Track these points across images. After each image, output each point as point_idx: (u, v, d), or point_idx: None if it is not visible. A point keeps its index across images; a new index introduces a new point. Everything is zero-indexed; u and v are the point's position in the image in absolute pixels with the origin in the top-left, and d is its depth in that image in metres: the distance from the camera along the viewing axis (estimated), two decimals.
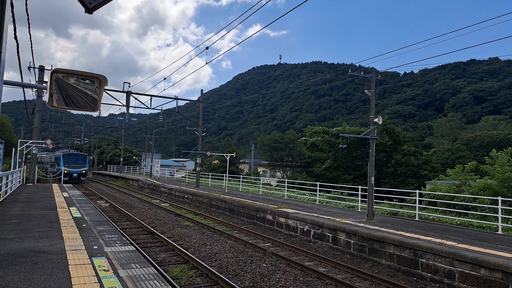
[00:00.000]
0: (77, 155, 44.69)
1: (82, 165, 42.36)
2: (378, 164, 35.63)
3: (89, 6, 1.46)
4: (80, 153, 48.86)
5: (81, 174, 42.33)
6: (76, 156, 43.81)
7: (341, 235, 12.25)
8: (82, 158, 43.52)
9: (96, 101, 2.37)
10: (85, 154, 45.36)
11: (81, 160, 42.90)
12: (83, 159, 43.39)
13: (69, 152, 47.85)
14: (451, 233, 11.74)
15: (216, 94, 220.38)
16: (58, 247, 7.07)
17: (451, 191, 18.44)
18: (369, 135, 14.78)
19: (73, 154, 44.30)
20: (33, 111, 25.85)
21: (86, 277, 5.39)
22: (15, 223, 9.43)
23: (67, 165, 40.39)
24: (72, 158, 42.05)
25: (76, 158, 42.62)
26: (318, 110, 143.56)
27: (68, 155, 42.65)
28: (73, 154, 44.80)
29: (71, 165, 40.87)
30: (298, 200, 22.20)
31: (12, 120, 66.08)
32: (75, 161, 41.87)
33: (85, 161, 43.15)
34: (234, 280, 8.77)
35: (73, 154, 44.23)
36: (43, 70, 24.31)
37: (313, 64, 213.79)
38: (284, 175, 46.78)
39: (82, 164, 42.47)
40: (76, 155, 44.12)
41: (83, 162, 42.78)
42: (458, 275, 8.62)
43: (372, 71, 15.32)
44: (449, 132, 69.83)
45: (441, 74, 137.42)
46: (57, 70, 2.27)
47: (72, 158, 42.05)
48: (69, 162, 40.86)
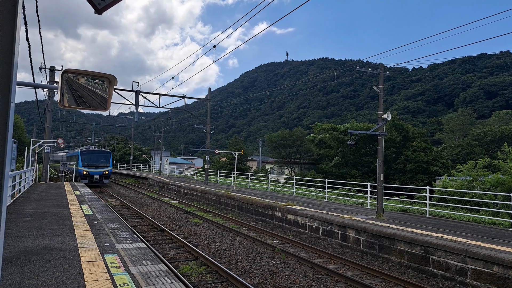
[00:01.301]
0: (99, 152, 36.99)
1: (104, 164, 35.07)
2: (387, 160, 35.38)
3: (98, 7, 1.48)
4: (102, 149, 41.51)
5: (104, 176, 34.78)
6: (98, 153, 36.20)
7: (351, 232, 12.21)
8: (105, 156, 36.05)
9: (106, 100, 2.40)
10: (108, 151, 37.59)
11: (104, 158, 35.51)
12: (106, 157, 35.93)
13: (88, 148, 39.59)
14: (462, 229, 11.63)
15: (223, 92, 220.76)
16: (70, 244, 7.18)
17: (462, 187, 18.25)
18: (378, 131, 14.67)
19: (94, 151, 36.57)
20: (45, 111, 26.18)
21: (98, 274, 5.46)
22: (28, 221, 9.59)
23: (87, 165, 33.74)
24: (92, 157, 34.82)
25: (98, 156, 35.33)
26: (326, 107, 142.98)
27: (88, 153, 35.30)
28: (94, 151, 36.85)
29: (91, 165, 34.00)
30: (307, 197, 22.17)
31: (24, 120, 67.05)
32: (96, 159, 34.79)
33: (108, 160, 35.71)
34: (243, 277, 8.80)
35: (93, 151, 36.50)
36: (53, 70, 24.61)
37: (320, 60, 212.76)
38: (292, 172, 46.71)
39: (105, 164, 35.17)
40: (98, 152, 36.56)
41: (105, 160, 35.43)
42: (470, 272, 8.54)
43: (380, 66, 15.20)
44: (459, 128, 69.04)
45: (451, 68, 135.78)
46: (68, 71, 2.30)
47: (92, 157, 34.82)
48: (88, 161, 34.06)
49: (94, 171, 33.89)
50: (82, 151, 35.36)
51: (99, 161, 34.87)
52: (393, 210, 17.07)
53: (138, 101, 19.87)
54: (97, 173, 34.04)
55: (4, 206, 1.08)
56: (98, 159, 34.98)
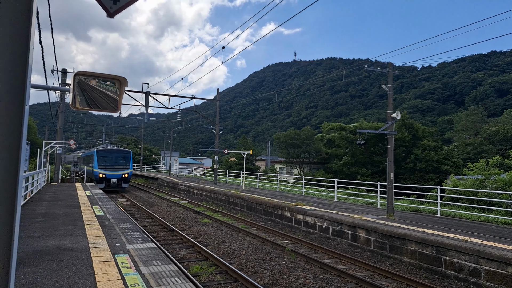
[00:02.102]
0: (117, 151, 32.34)
1: (124, 166, 30.54)
2: (397, 160, 35.07)
3: (110, 11, 1.49)
4: (122, 148, 36.68)
5: (123, 180, 30.14)
6: (116, 153, 31.68)
7: (361, 232, 12.12)
8: (124, 156, 31.41)
9: (117, 102, 2.41)
10: (128, 151, 32.74)
11: (123, 158, 31.00)
12: (126, 157, 31.31)
13: (105, 147, 34.83)
14: (475, 229, 11.47)
15: (232, 92, 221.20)
16: (82, 245, 7.25)
17: (474, 186, 18.00)
18: (388, 130, 14.55)
19: (112, 151, 32.08)
20: (57, 113, 26.50)
21: (110, 274, 5.50)
22: (41, 221, 9.71)
23: (103, 167, 29.47)
24: (110, 157, 30.56)
25: (116, 156, 31.01)
26: (334, 106, 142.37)
27: (105, 152, 30.95)
28: (112, 150, 32.40)
29: (109, 167, 29.70)
30: (316, 197, 22.08)
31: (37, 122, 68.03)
32: (115, 160, 30.47)
33: (128, 160, 31.08)
34: (253, 277, 8.79)
35: (111, 151, 32.01)
36: (65, 73, 24.92)
37: (328, 60, 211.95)
38: (301, 172, 46.59)
39: (124, 165, 30.62)
40: (116, 152, 31.95)
41: (125, 161, 30.89)
42: (484, 273, 8.41)
43: (389, 65, 15.06)
44: (470, 126, 68.15)
45: (461, 67, 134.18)
46: (79, 73, 2.32)
47: (110, 157, 30.56)
48: (106, 162, 29.83)
49: (111, 173, 29.37)
50: (99, 151, 30.87)
51: (118, 162, 30.41)
52: (404, 210, 16.91)
53: (148, 102, 20.01)
54: (115, 176, 29.49)
55: (18, 207, 1.09)
56: (116, 159, 30.57)
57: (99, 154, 30.07)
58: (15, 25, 1.08)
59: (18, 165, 1.08)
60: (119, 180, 29.77)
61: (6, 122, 1.07)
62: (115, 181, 29.41)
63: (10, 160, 1.07)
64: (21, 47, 1.08)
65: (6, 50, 1.07)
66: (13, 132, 1.07)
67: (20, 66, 1.08)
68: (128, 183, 30.89)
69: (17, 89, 1.08)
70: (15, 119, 1.08)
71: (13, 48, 1.07)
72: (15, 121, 1.08)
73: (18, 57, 1.08)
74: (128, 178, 30.60)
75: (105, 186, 28.95)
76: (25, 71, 1.09)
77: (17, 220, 1.07)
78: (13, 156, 1.08)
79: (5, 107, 1.07)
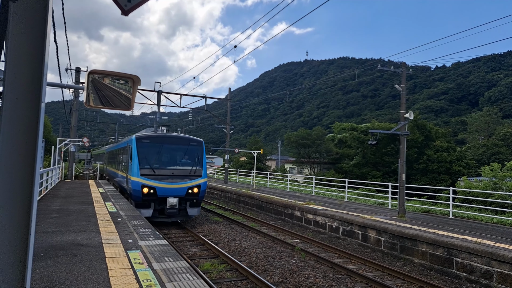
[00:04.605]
0: (177, 140, 16.30)
1: (191, 170, 15.50)
2: (408, 160, 34.69)
3: (125, 9, 1.52)
4: (183, 135, 17.39)
5: (190, 199, 15.19)
6: (175, 144, 16.19)
7: (371, 232, 12.06)
8: (192, 149, 16.13)
9: (130, 100, 2.44)
10: (197, 139, 16.80)
11: (190, 156, 16.03)
12: (194, 152, 16.12)
13: (155, 133, 16.41)
14: (487, 231, 11.31)
15: (243, 92, 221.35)
16: (95, 240, 7.38)
17: (487, 188, 17.73)
18: (400, 131, 14.43)
19: (166, 138, 16.01)
20: (71, 111, 26.93)
21: (123, 270, 5.60)
22: (55, 217, 9.91)
23: (151, 171, 14.71)
24: (164, 151, 15.67)
25: (176, 150, 16.10)
26: (346, 106, 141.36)
27: (153, 142, 15.51)
28: (166, 137, 16.06)
29: (162, 172, 14.88)
30: (326, 197, 22.01)
31: (51, 120, 69.04)
32: (173, 158, 15.88)
33: (200, 159, 15.99)
34: (263, 275, 8.84)
35: (165, 139, 15.92)
36: (79, 71, 25.31)
37: (340, 60, 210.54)
38: (312, 171, 46.43)
39: (192, 168, 15.58)
40: (175, 142, 16.21)
41: (193, 161, 15.88)
42: (496, 275, 8.30)
43: (402, 65, 14.93)
44: (484, 127, 66.99)
45: (475, 67, 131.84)
46: (93, 71, 2.37)
47: (164, 151, 15.67)
48: (155, 162, 15.15)
49: (167, 186, 14.70)
50: (141, 138, 15.44)
51: (181, 162, 15.82)
52: (415, 211, 16.74)
53: (160, 101, 20.20)
54: (173, 191, 14.76)
55: (35, 202, 1.13)
56: (176, 157, 15.96)
57: (141, 145, 14.97)
58: (31, 24, 1.12)
59: (35, 161, 1.12)
60: (184, 200, 14.90)
61: (24, 118, 1.11)
62: (175, 203, 14.51)
63: (27, 156, 1.11)
64: (37, 45, 1.12)
65: (23, 48, 1.11)
66: (30, 129, 1.12)
67: (36, 64, 1.12)
68: (199, 206, 15.52)
69: (34, 87, 1.12)
70: (32, 116, 1.12)
71: (30, 46, 1.11)
72: (32, 118, 1.12)
73: (35, 55, 1.12)
74: (199, 197, 15.23)
75: (154, 213, 14.52)
76: (42, 69, 1.12)
77: (33, 215, 1.12)
78: (31, 152, 1.12)
79: (22, 104, 1.11)
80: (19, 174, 1.09)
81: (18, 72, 1.10)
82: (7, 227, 1.07)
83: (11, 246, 1.07)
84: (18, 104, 1.09)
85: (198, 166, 15.62)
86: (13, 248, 1.08)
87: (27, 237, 1.10)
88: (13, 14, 1.09)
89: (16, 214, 1.08)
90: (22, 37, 1.10)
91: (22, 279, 1.09)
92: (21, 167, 1.10)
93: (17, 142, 1.09)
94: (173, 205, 14.45)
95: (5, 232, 1.07)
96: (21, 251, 1.09)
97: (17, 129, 1.09)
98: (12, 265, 1.08)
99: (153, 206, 14.49)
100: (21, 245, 1.09)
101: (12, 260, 1.08)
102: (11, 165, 1.08)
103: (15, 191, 1.08)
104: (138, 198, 14.22)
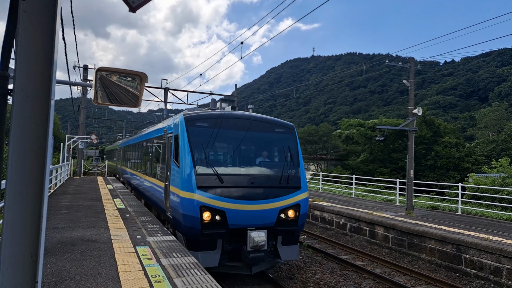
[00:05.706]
0: (259, 124, 8.75)
1: (286, 181, 8.23)
2: (416, 157, 34.43)
3: (132, 6, 1.52)
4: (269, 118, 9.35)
5: (284, 231, 7.93)
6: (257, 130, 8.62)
7: (379, 229, 12.02)
8: (283, 143, 8.89)
9: (137, 97, 2.45)
10: (289, 125, 9.25)
11: (279, 152, 9.05)
12: (287, 148, 8.79)
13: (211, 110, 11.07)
14: (497, 228, 11.20)
15: (249, 88, 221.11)
16: (104, 236, 7.46)
17: (496, 184, 17.53)
18: (408, 126, 14.32)
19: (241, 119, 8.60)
20: (79, 108, 27.14)
21: (131, 265, 5.65)
22: (65, 213, 10.03)
23: (217, 181, 7.56)
24: (239, 144, 8.35)
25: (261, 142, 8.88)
26: (353, 102, 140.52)
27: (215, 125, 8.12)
28: (240, 118, 8.67)
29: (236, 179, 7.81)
30: (333, 193, 21.95)
31: (60, 117, 69.75)
32: (253, 156, 8.66)
33: (295, 161, 8.65)
34: (270, 271, 8.86)
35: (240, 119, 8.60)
36: (87, 69, 25.44)
37: (348, 55, 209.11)
38: (319, 168, 46.33)
39: (288, 178, 8.29)
40: (256, 125, 8.64)
41: (286, 162, 8.56)
42: (505, 272, 8.23)
43: (410, 60, 14.80)
44: (493, 123, 66.09)
45: (485, 62, 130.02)
46: (101, 69, 2.38)
47: (239, 144, 8.35)
48: (223, 164, 8.14)
49: (247, 207, 7.52)
50: (194, 119, 8.26)
51: (263, 163, 8.66)
52: (423, 207, 16.63)
53: (167, 98, 20.26)
54: (259, 217, 7.63)
55: (45, 198, 1.14)
56: (255, 152, 8.88)
57: (197, 132, 8.12)
58: (41, 22, 1.12)
59: (45, 158, 1.14)
60: (272, 232, 7.90)
61: (34, 115, 1.12)
62: (262, 240, 7.45)
63: (38, 153, 1.13)
64: (46, 43, 1.13)
65: (33, 46, 1.11)
66: (40, 126, 1.13)
67: (46, 61, 1.13)
68: (297, 242, 8.42)
69: (43, 84, 1.13)
70: (42, 113, 1.13)
71: (39, 44, 1.12)
72: (42, 115, 1.13)
73: (44, 53, 1.13)
74: (298, 226, 8.23)
75: (223, 259, 7.71)
76: (51, 66, 1.13)
77: (44, 211, 1.13)
78: (41, 149, 1.13)
79: (33, 101, 1.12)
80: (30, 170, 1.11)
81: (28, 70, 1.11)
82: (18, 223, 1.09)
83: (23, 242, 1.09)
84: (28, 102, 1.11)
85: (292, 169, 8.61)
86: (25, 243, 1.09)
87: (38, 233, 1.11)
88: (23, 13, 1.10)
89: (27, 210, 1.10)
90: (31, 35, 1.11)
91: (34, 274, 1.10)
92: (32, 163, 1.11)
93: (27, 139, 1.10)
94: (259, 244, 7.41)
95: (17, 228, 1.09)
96: (33, 246, 1.10)
97: (28, 126, 1.10)
98: (24, 261, 1.09)
99: (220, 246, 7.65)
100: (33, 240, 1.10)
101: (24, 256, 1.09)
102: (22, 162, 1.09)
103: (26, 187, 1.10)
104: (193, 230, 7.58)
